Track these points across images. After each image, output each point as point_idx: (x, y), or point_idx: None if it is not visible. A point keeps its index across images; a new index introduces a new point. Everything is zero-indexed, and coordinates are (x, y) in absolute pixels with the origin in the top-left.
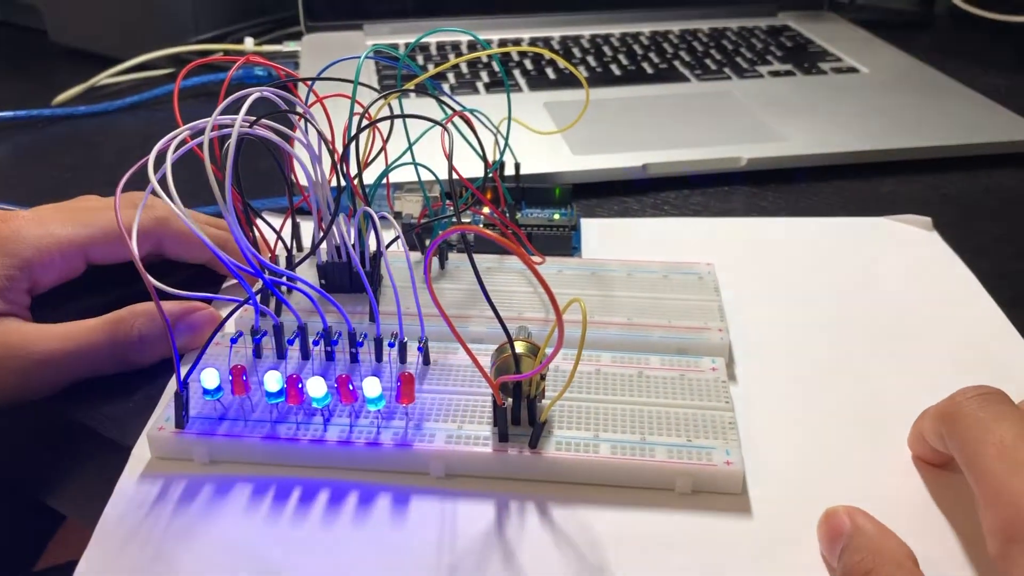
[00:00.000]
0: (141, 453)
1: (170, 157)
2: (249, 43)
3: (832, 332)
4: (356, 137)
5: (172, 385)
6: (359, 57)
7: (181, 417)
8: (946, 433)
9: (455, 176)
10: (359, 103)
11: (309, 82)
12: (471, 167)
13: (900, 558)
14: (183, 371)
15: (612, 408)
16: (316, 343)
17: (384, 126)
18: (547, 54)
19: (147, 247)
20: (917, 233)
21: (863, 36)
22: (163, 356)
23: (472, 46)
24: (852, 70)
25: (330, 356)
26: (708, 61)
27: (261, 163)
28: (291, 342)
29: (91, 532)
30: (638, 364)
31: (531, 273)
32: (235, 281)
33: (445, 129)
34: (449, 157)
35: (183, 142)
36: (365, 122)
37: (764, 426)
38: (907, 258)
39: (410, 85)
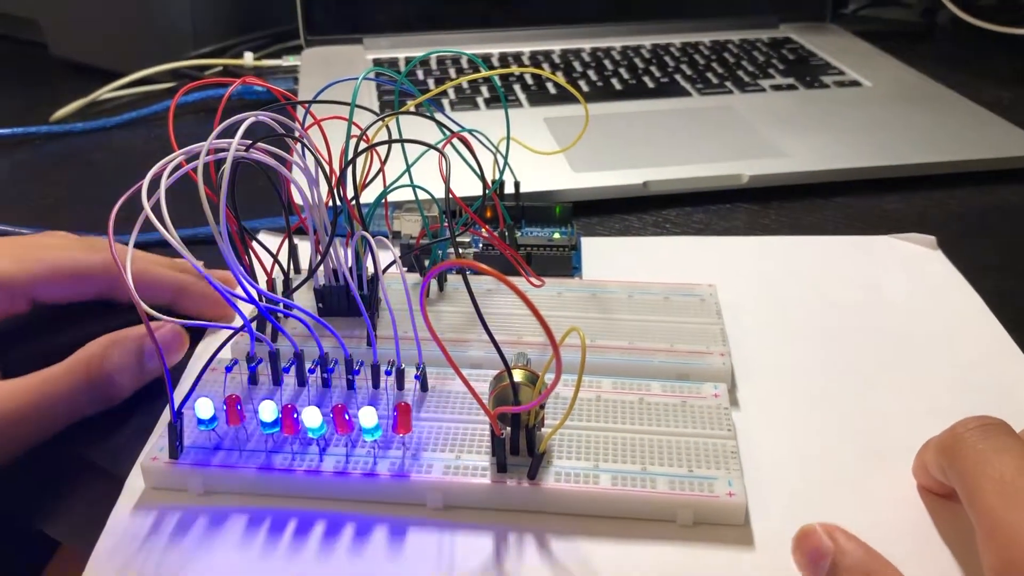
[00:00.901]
0: (135, 483)
1: (164, 183)
2: (249, 57)
3: (835, 355)
4: (353, 161)
5: (166, 415)
6: (357, 79)
7: (175, 447)
8: (946, 466)
9: (453, 199)
10: (357, 125)
11: (306, 105)
12: (471, 186)
13: None
14: (177, 400)
15: (612, 437)
16: (312, 370)
17: (382, 148)
18: (545, 74)
19: (98, 288)
20: (921, 252)
21: (865, 48)
22: (140, 383)
23: (472, 62)
24: (855, 83)
25: (326, 383)
26: (710, 75)
27: (259, 181)
28: (287, 369)
29: (85, 562)
30: (639, 391)
31: (531, 295)
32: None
33: (442, 153)
34: (446, 181)
35: (178, 166)
36: (363, 145)
37: (767, 454)
38: (911, 278)
39: (409, 106)
